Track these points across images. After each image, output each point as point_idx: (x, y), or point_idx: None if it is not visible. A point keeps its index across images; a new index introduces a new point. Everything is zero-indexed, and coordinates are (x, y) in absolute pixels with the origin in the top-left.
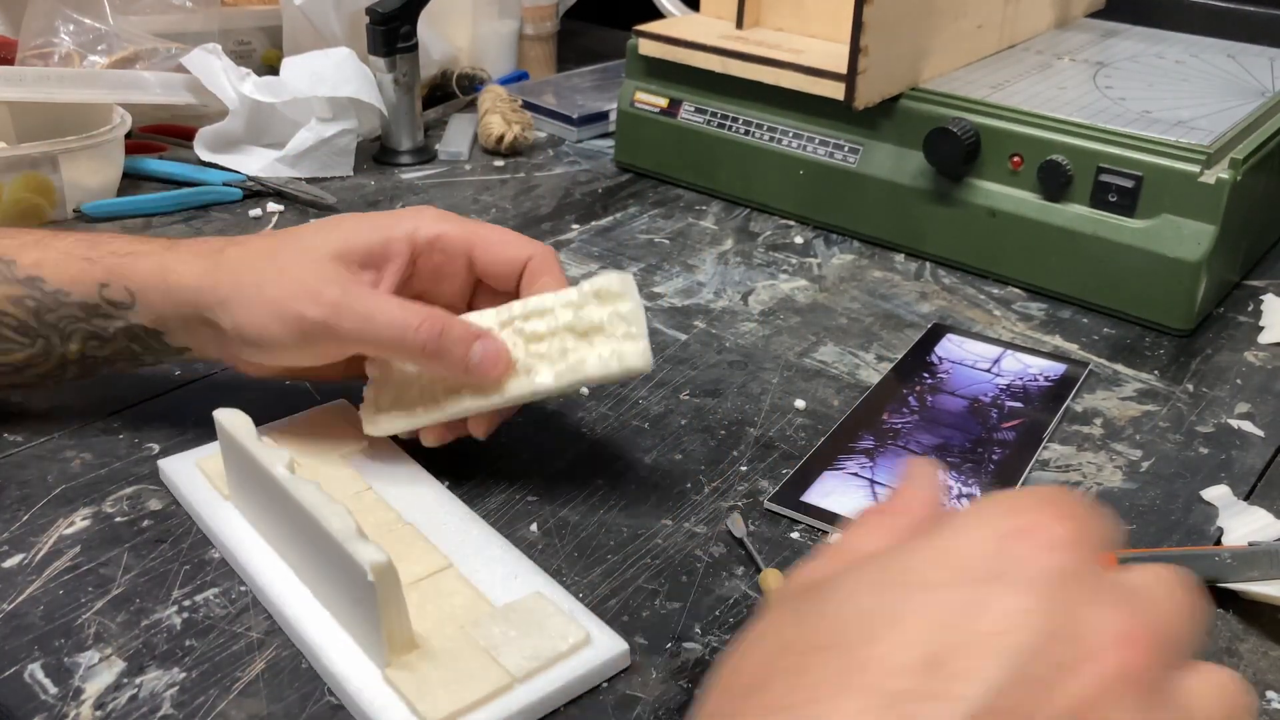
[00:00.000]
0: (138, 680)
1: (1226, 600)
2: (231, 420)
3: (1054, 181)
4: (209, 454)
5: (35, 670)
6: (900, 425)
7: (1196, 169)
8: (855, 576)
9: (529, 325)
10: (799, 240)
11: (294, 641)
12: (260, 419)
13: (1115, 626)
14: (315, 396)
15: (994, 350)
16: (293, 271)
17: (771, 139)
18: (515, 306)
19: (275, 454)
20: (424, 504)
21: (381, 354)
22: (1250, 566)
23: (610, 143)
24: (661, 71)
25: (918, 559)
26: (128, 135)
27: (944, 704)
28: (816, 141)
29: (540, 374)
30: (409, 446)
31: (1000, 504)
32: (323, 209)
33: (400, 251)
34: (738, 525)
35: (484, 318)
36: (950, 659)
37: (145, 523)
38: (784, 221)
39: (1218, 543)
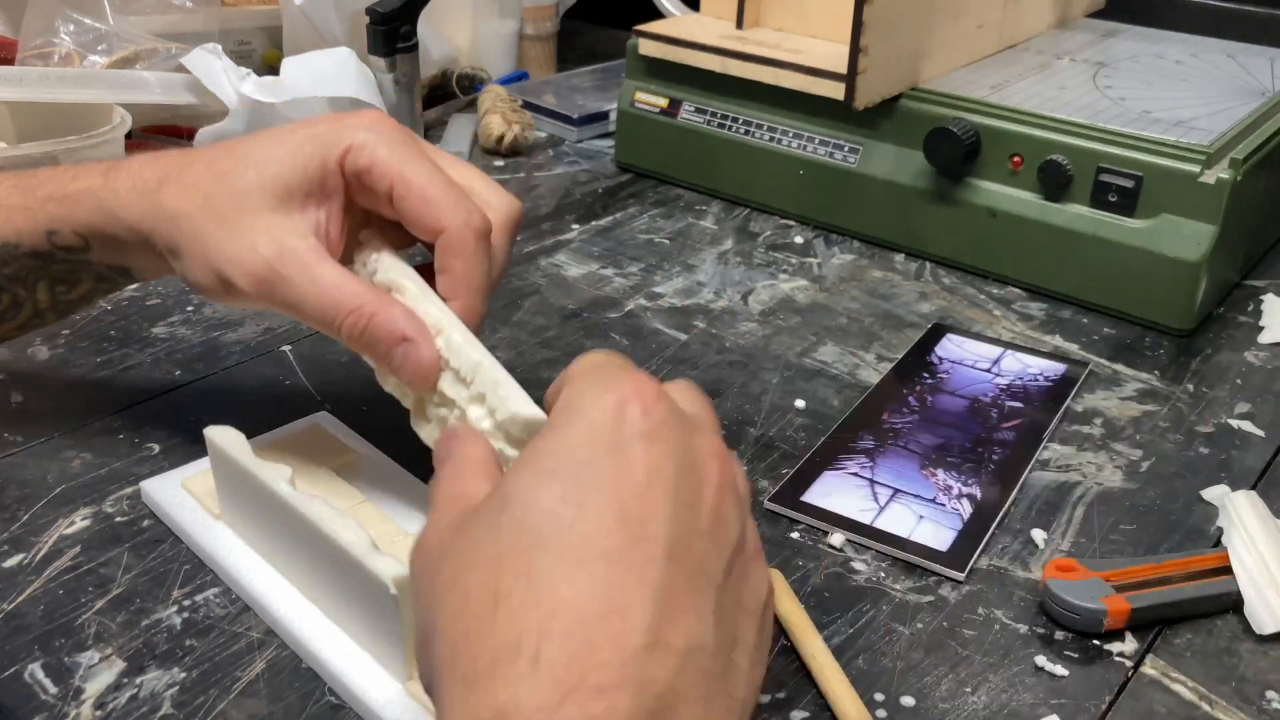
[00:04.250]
0: (138, 680)
1: (1227, 604)
2: (225, 438)
3: (1054, 181)
4: (193, 473)
5: (35, 670)
6: (900, 425)
7: (1196, 169)
8: (522, 488)
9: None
10: (799, 240)
11: (305, 659)
12: (254, 431)
13: (709, 445)
14: (316, 399)
15: (994, 350)
16: (229, 228)
17: (771, 139)
18: (455, 338)
19: (276, 470)
20: (421, 514)
21: (315, 328)
22: None
23: (610, 143)
24: (661, 71)
25: (562, 447)
26: (128, 135)
27: (647, 545)
28: (816, 141)
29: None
30: (404, 452)
31: (592, 389)
32: None
33: (336, 187)
34: None
35: (429, 312)
36: (632, 510)
37: (145, 523)
38: (784, 221)
39: (1217, 543)
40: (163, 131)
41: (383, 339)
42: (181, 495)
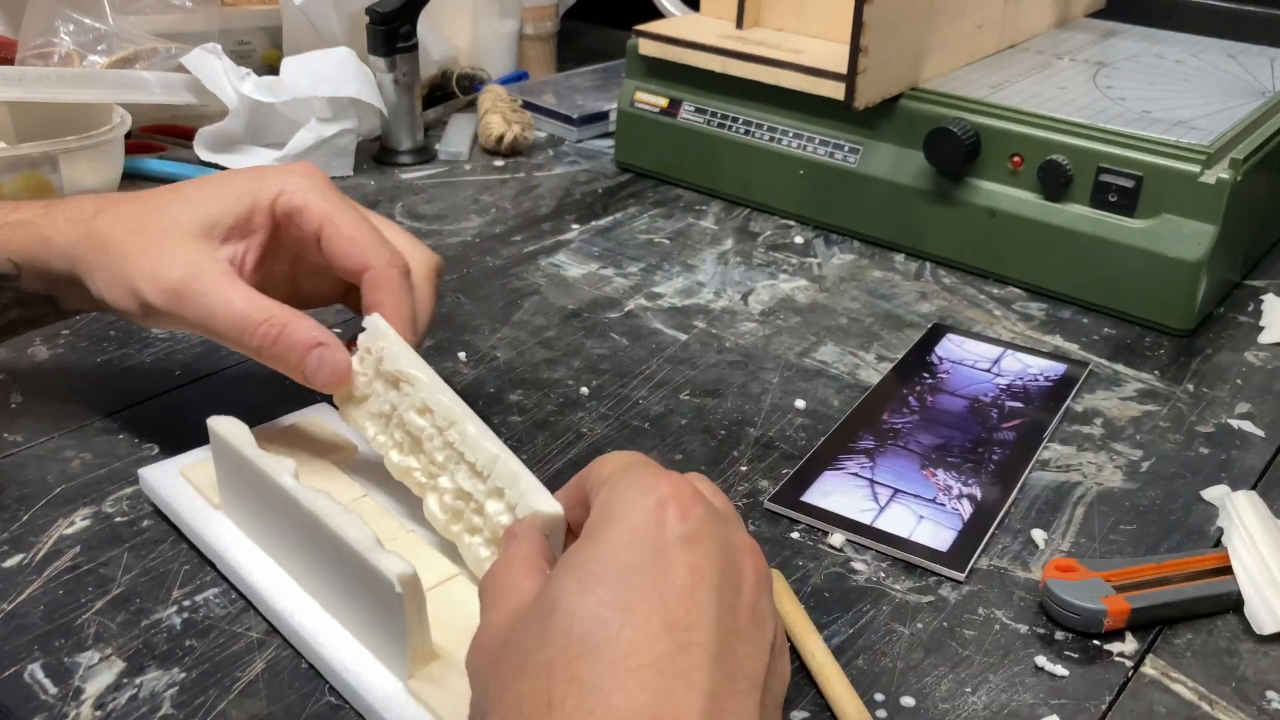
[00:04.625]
0: (138, 680)
1: (1227, 604)
2: (228, 429)
3: (1054, 181)
4: (193, 462)
5: (35, 670)
6: (900, 425)
7: (1196, 169)
8: (569, 593)
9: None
10: (799, 240)
11: (304, 654)
12: (255, 424)
13: (743, 542)
14: (316, 399)
15: (994, 350)
16: (153, 250)
17: (771, 139)
18: (470, 429)
19: (280, 463)
20: (420, 511)
21: (227, 345)
22: None
23: (610, 143)
24: (661, 71)
25: (605, 550)
26: (128, 135)
27: (694, 651)
28: (816, 141)
29: (430, 503)
30: None
31: (629, 492)
32: None
33: (262, 225)
34: None
35: (441, 402)
36: (677, 616)
37: (145, 523)
38: (784, 221)
39: (1217, 543)
40: (163, 131)
41: (296, 346)
42: (181, 484)
